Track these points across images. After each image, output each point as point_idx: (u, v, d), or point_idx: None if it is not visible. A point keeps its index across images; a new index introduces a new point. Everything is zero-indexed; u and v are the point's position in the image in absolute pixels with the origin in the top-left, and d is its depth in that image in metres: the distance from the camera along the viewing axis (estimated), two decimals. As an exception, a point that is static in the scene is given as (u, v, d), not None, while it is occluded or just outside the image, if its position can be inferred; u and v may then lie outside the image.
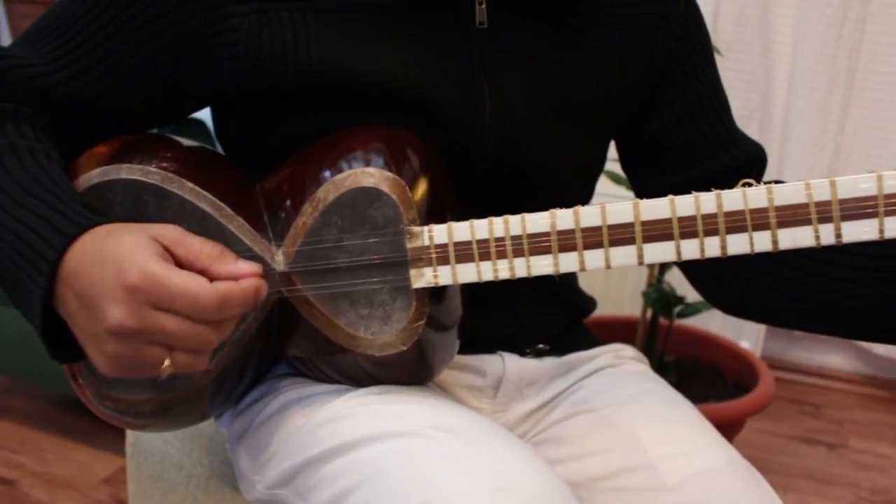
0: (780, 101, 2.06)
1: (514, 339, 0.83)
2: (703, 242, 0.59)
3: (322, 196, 0.67)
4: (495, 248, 0.62)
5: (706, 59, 0.86)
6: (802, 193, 0.57)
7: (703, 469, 0.72)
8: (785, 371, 2.27)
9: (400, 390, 0.71)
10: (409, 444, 0.63)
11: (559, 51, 0.77)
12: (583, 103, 0.79)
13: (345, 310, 0.67)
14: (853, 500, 1.78)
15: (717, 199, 0.58)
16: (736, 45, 2.04)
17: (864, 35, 2.00)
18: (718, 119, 0.85)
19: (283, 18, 0.68)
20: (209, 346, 0.59)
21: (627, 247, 0.60)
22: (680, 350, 1.74)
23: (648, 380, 0.85)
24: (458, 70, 0.73)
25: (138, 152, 0.69)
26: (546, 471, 0.63)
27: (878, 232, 0.57)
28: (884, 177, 0.56)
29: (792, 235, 0.58)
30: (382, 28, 0.71)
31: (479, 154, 0.74)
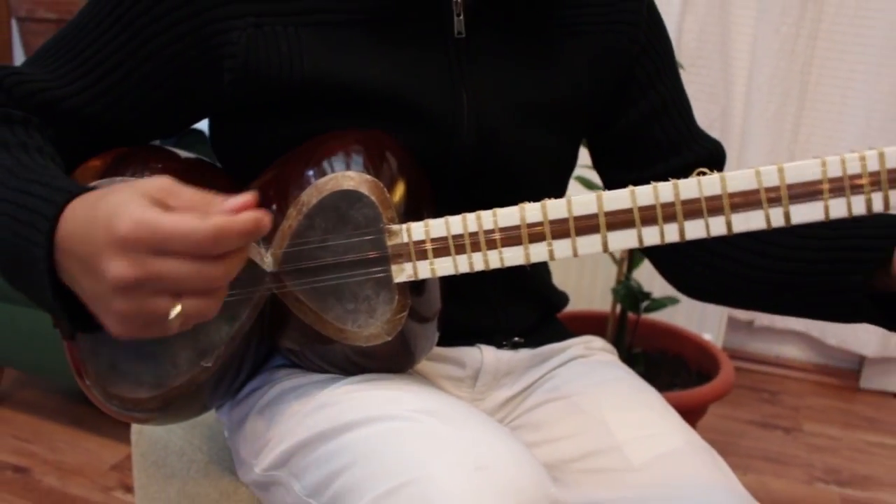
0: (739, 112, 2.06)
1: (492, 332, 0.83)
2: (663, 229, 0.59)
3: (305, 199, 0.66)
4: (469, 242, 0.62)
5: (668, 63, 0.86)
6: (753, 180, 0.57)
7: (666, 451, 0.72)
8: (744, 361, 2.27)
9: (387, 378, 0.70)
10: (396, 427, 0.63)
11: (533, 58, 0.77)
12: (555, 107, 0.78)
13: (332, 305, 0.66)
14: (807, 479, 1.77)
15: (675, 187, 0.58)
16: (698, 60, 2.04)
17: (814, 51, 2.00)
18: (680, 118, 0.85)
19: (277, 32, 0.68)
20: (217, 283, 0.54)
21: (592, 235, 0.59)
22: (647, 342, 1.74)
23: (617, 368, 0.85)
24: (438, 78, 0.72)
25: (130, 165, 0.68)
26: (523, 452, 0.63)
27: (824, 213, 0.57)
28: (827, 162, 0.56)
29: (745, 219, 0.58)
30: (368, 40, 0.70)
31: (458, 156, 0.74)
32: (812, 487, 1.75)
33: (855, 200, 0.56)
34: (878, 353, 2.14)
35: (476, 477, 0.57)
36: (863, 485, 1.77)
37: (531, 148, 0.78)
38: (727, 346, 2.21)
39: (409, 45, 0.71)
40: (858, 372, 2.22)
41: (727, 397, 2.07)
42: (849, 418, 2.07)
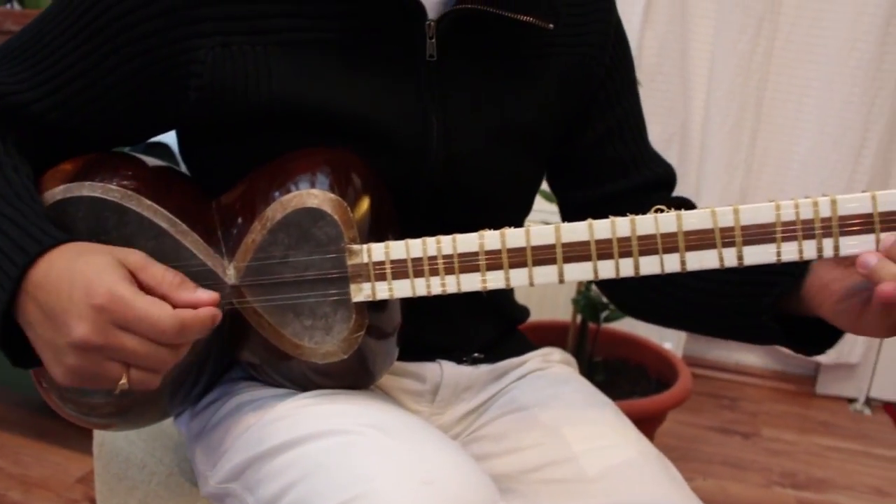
0: (698, 126, 2.09)
1: (452, 348, 0.83)
2: (619, 263, 0.59)
3: (270, 215, 0.66)
4: (428, 266, 0.63)
5: (629, 85, 0.88)
6: (709, 220, 0.58)
7: (619, 462, 0.74)
8: (704, 368, 2.30)
9: (341, 393, 0.71)
10: (346, 441, 0.64)
11: (504, 80, 0.77)
12: (525, 129, 0.79)
13: (290, 321, 0.67)
14: (765, 483, 1.80)
15: (632, 223, 0.59)
16: (658, 75, 2.06)
17: (770, 67, 2.04)
18: (634, 140, 0.87)
19: (245, 52, 0.68)
20: (165, 366, 0.59)
21: (549, 266, 0.60)
22: (608, 351, 1.76)
23: (573, 381, 0.86)
24: (408, 100, 0.73)
25: (100, 170, 0.68)
26: (470, 466, 0.64)
27: (776, 255, 0.58)
28: (781, 205, 0.57)
29: (699, 258, 0.59)
30: (338, 61, 0.70)
31: (426, 177, 0.74)
32: (769, 491, 1.77)
33: (807, 245, 0.57)
34: (833, 360, 2.18)
35: (422, 491, 0.58)
36: (818, 487, 1.81)
37: (500, 170, 0.78)
38: (687, 354, 2.24)
39: (379, 67, 0.72)
40: (814, 378, 2.26)
41: (688, 404, 2.10)
42: (805, 423, 2.11)
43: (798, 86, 2.03)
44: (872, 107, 1.97)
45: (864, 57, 1.93)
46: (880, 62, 1.93)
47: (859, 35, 1.93)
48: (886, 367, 2.19)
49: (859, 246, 0.56)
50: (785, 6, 1.99)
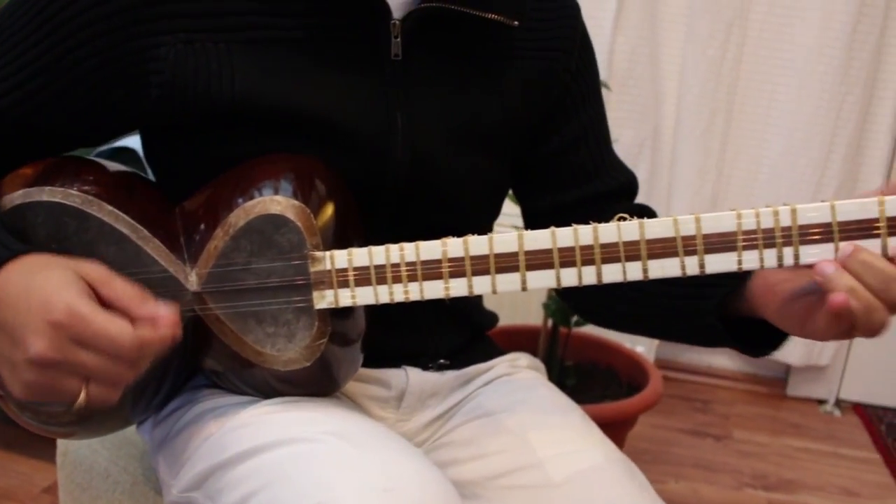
0: (669, 131, 2.11)
1: (418, 354, 0.83)
2: (581, 271, 0.59)
3: (233, 221, 0.66)
4: (391, 273, 0.62)
5: (594, 91, 0.88)
6: (671, 228, 0.58)
7: (585, 467, 0.74)
8: (677, 371, 2.31)
9: (303, 401, 0.70)
10: (307, 449, 0.63)
11: (469, 81, 0.77)
12: (490, 130, 0.79)
13: (252, 328, 0.66)
14: (736, 485, 1.81)
15: (594, 231, 0.59)
16: (629, 80, 2.07)
17: (739, 73, 2.06)
18: (597, 147, 0.87)
19: (208, 49, 0.67)
20: (123, 382, 0.58)
21: (512, 274, 0.60)
22: (579, 355, 1.76)
23: (540, 386, 0.86)
24: (372, 100, 0.72)
25: (61, 175, 0.67)
26: (433, 473, 0.64)
27: (737, 263, 0.58)
28: (742, 214, 0.57)
29: (661, 266, 0.59)
30: (302, 60, 0.70)
31: (392, 178, 0.74)
32: (741, 493, 1.79)
33: (767, 253, 0.57)
34: (803, 362, 2.20)
35: (383, 499, 0.58)
36: (788, 489, 1.82)
37: (465, 171, 0.78)
38: (660, 357, 2.25)
39: (344, 67, 0.71)
40: (785, 380, 2.28)
41: (661, 407, 2.11)
42: (776, 425, 2.12)
43: (767, 91, 2.06)
44: (840, 112, 1.99)
45: (832, 63, 1.96)
46: (847, 68, 1.96)
47: (827, 41, 1.96)
48: (856, 369, 2.22)
49: (819, 255, 0.57)
50: (753, 13, 2.01)
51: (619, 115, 2.10)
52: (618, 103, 2.09)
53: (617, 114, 2.10)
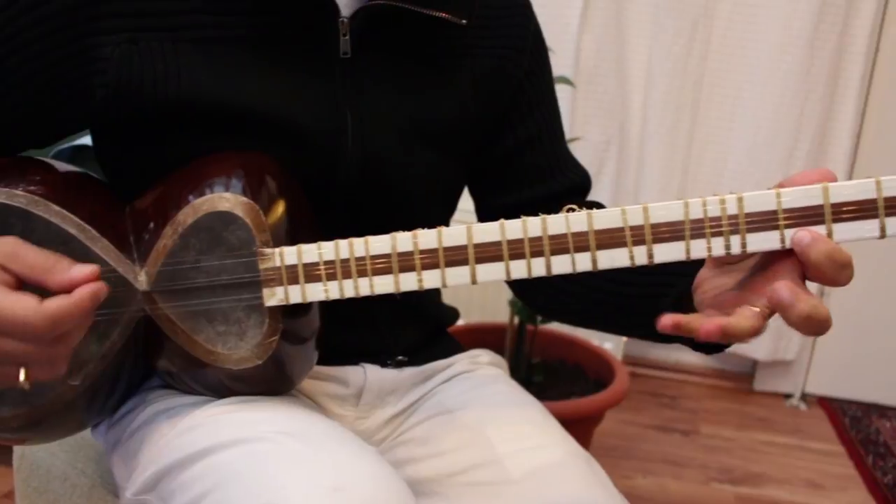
0: (636, 128, 2.12)
1: (376, 351, 0.83)
2: (531, 263, 0.59)
3: (182, 219, 0.65)
4: (341, 269, 0.62)
5: (548, 90, 0.88)
6: (619, 218, 0.58)
7: (544, 463, 0.73)
8: (645, 367, 2.33)
9: (256, 400, 0.70)
10: (258, 449, 0.63)
11: (419, 79, 0.77)
12: (441, 128, 0.79)
13: (203, 327, 0.66)
14: (703, 480, 1.83)
15: (543, 223, 0.58)
16: (596, 77, 2.08)
17: (705, 70, 2.07)
18: (551, 146, 0.87)
19: (153, 48, 0.66)
20: (58, 357, 0.57)
21: (462, 267, 0.60)
22: (546, 352, 1.77)
23: (500, 382, 0.86)
24: (322, 98, 0.72)
25: (6, 175, 0.66)
26: (385, 472, 0.63)
27: (686, 253, 0.58)
28: (690, 203, 0.57)
29: (610, 256, 0.58)
30: (251, 58, 0.69)
31: (343, 177, 0.73)
32: (708, 487, 1.80)
33: (714, 242, 0.57)
34: (769, 357, 2.22)
35: (334, 498, 0.58)
36: (755, 482, 1.84)
37: (417, 168, 0.78)
38: (628, 353, 2.26)
39: (293, 65, 0.71)
40: (752, 375, 2.30)
41: (629, 403, 2.12)
42: (743, 419, 2.14)
43: (732, 89, 2.07)
44: (804, 109, 2.01)
45: (794, 61, 1.98)
46: (810, 66, 1.98)
47: (789, 40, 1.98)
48: (821, 364, 2.24)
49: (765, 242, 0.57)
50: (718, 11, 2.03)
51: (587, 113, 2.10)
52: (585, 101, 2.10)
53: (584, 111, 2.10)
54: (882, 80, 2.04)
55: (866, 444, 2.02)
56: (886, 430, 2.10)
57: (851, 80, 2.02)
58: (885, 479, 1.85)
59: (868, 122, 2.07)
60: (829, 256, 0.55)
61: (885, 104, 2.05)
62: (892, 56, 2.02)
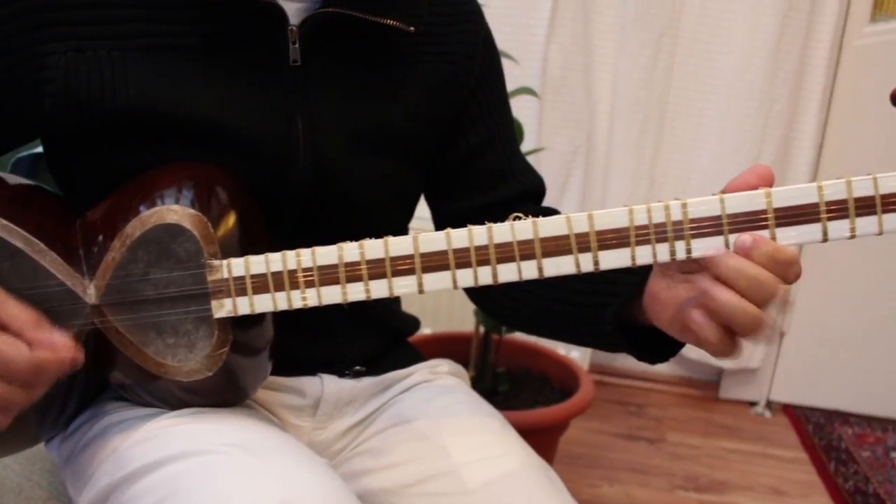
0: (603, 138, 2.13)
1: (333, 361, 0.83)
2: (477, 272, 0.59)
3: (130, 232, 0.65)
4: (289, 280, 0.61)
5: (499, 96, 0.88)
6: (564, 226, 0.58)
7: (501, 473, 0.74)
8: (612, 376, 2.34)
9: (208, 412, 0.69)
10: (207, 461, 0.63)
11: (370, 86, 0.77)
12: (393, 135, 0.79)
13: (152, 339, 0.65)
14: (668, 488, 1.84)
15: (489, 231, 0.59)
16: (563, 88, 2.09)
17: (671, 80, 2.09)
18: (504, 152, 0.87)
19: (100, 57, 0.66)
20: (16, 406, 0.58)
21: (409, 277, 0.60)
22: (512, 361, 1.77)
23: (459, 392, 0.86)
24: (272, 106, 0.72)
25: None
26: (333, 484, 0.63)
27: (631, 259, 0.58)
28: (634, 210, 0.57)
29: (556, 264, 0.59)
30: (200, 66, 0.69)
31: (295, 186, 0.73)
32: (672, 495, 1.81)
33: (659, 248, 0.57)
34: (734, 365, 2.24)
35: None
36: (719, 489, 1.85)
37: (370, 175, 0.78)
38: (595, 362, 2.27)
39: (243, 73, 0.71)
40: (718, 383, 2.32)
41: (596, 412, 2.13)
42: (708, 427, 2.16)
43: (698, 99, 2.10)
44: (768, 119, 2.04)
45: (759, 72, 2.01)
46: (773, 77, 2.01)
47: (753, 52, 2.00)
48: (785, 371, 2.27)
49: (710, 248, 0.57)
50: (683, 22, 2.05)
51: (554, 123, 2.12)
52: (552, 111, 2.11)
53: (551, 121, 2.12)
54: (843, 91, 2.08)
55: (829, 450, 2.04)
56: (848, 436, 2.12)
57: (813, 91, 2.05)
58: (847, 485, 1.87)
59: (830, 132, 2.11)
60: (771, 257, 0.55)
61: (846, 114, 2.09)
62: (852, 67, 2.06)
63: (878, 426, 2.19)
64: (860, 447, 2.07)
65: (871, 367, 2.22)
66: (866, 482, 1.89)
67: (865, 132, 2.05)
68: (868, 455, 2.02)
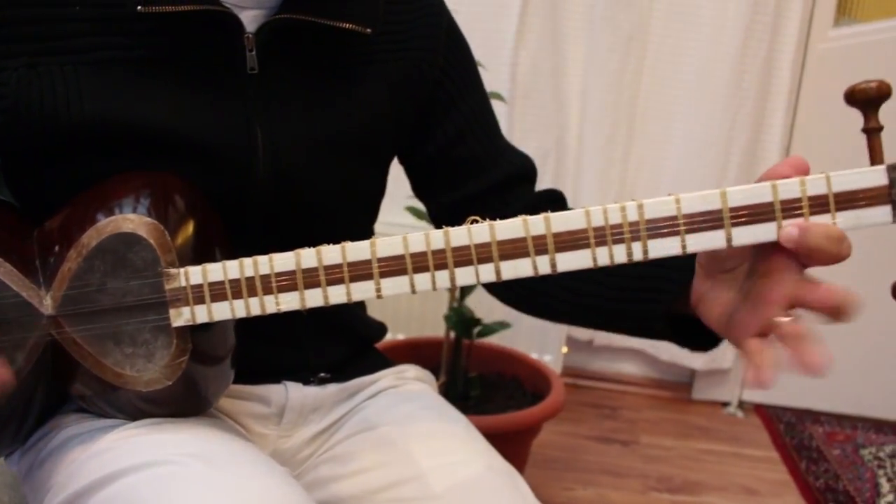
0: (573, 142, 2.15)
1: (298, 368, 0.82)
2: (434, 276, 0.59)
3: (85, 242, 0.65)
4: (246, 287, 0.61)
5: (471, 83, 0.87)
6: (521, 229, 0.58)
7: (466, 477, 0.74)
8: (585, 379, 2.35)
9: (168, 422, 0.69)
10: (164, 472, 0.62)
11: (329, 91, 0.77)
12: (355, 138, 0.79)
13: (111, 349, 0.65)
14: (642, 489, 1.85)
15: (445, 235, 0.59)
16: (532, 92, 2.11)
17: (640, 85, 2.11)
18: (485, 136, 0.87)
19: (53, 72, 0.66)
20: None
21: (367, 282, 0.60)
22: (484, 365, 1.77)
23: (426, 397, 0.86)
24: (231, 114, 0.71)
25: None
26: (293, 492, 0.63)
27: (592, 260, 0.58)
28: (591, 212, 0.58)
29: (513, 266, 0.58)
30: (155, 78, 0.69)
31: (256, 193, 0.73)
32: (646, 496, 1.82)
33: (616, 249, 0.57)
34: (706, 367, 2.26)
35: None
36: (692, 490, 1.87)
37: (332, 181, 0.78)
38: (569, 365, 2.28)
39: (200, 83, 0.70)
40: (690, 384, 2.34)
41: (570, 415, 2.14)
42: (682, 428, 2.17)
43: (667, 102, 2.12)
44: (735, 122, 2.07)
45: (725, 75, 2.03)
46: (740, 80, 2.04)
47: (720, 55, 2.03)
48: (757, 371, 2.29)
49: (666, 248, 0.57)
50: (652, 26, 2.07)
51: (524, 127, 2.13)
52: (522, 115, 2.12)
53: (521, 125, 2.13)
54: (808, 94, 2.11)
55: (800, 449, 2.07)
56: (819, 435, 2.15)
57: (780, 94, 2.08)
58: (818, 483, 1.90)
59: (797, 134, 2.14)
60: (826, 236, 0.52)
61: (812, 116, 2.12)
62: (817, 70, 2.09)
63: (847, 424, 2.22)
64: (830, 445, 2.09)
65: (841, 366, 2.24)
66: (836, 480, 1.91)
67: (832, 133, 2.08)
68: (838, 453, 2.05)
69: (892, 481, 1.91)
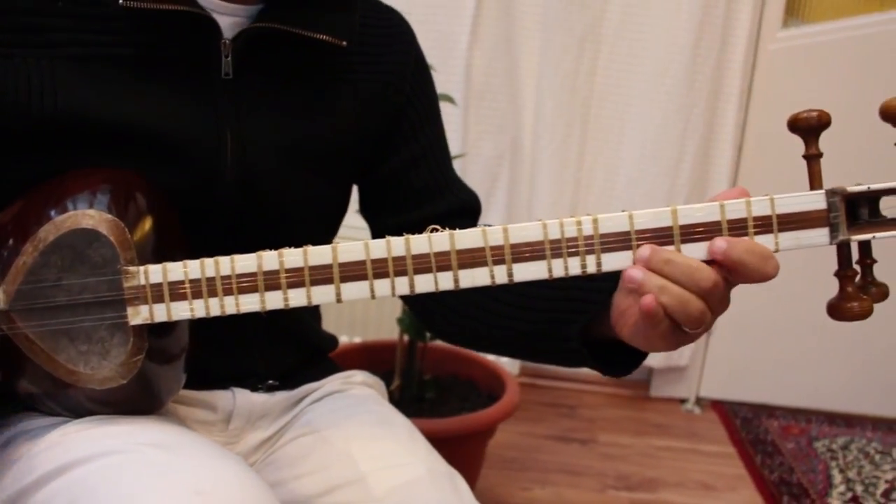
0: (528, 143, 2.19)
1: (247, 375, 0.84)
2: (394, 282, 0.62)
3: (43, 236, 0.66)
4: (207, 287, 0.63)
5: (431, 114, 0.91)
6: (480, 238, 0.61)
7: (407, 480, 0.76)
8: (544, 378, 2.39)
9: (119, 417, 0.70)
10: (117, 461, 0.63)
11: (301, 101, 0.79)
12: (321, 150, 0.81)
13: (64, 346, 0.66)
14: (599, 488, 1.89)
15: (406, 242, 0.61)
16: (487, 94, 2.14)
17: (594, 86, 2.16)
18: (437, 168, 0.90)
19: (28, 64, 0.67)
20: None
21: (327, 286, 0.62)
22: (438, 368, 1.80)
23: (369, 402, 0.88)
24: (201, 118, 0.74)
25: None
26: (249, 476, 0.65)
27: (546, 272, 0.61)
28: (547, 224, 0.61)
29: (471, 275, 0.61)
30: (131, 76, 0.71)
31: (221, 196, 0.75)
32: (604, 495, 1.86)
33: (571, 262, 0.61)
34: (663, 364, 2.32)
35: (195, 501, 0.59)
36: (649, 487, 1.91)
37: (296, 190, 0.80)
38: (527, 365, 2.32)
39: (174, 84, 0.72)
40: (648, 382, 2.40)
41: (529, 415, 2.18)
42: (640, 426, 2.23)
43: (620, 104, 2.17)
44: (688, 123, 2.13)
45: (677, 77, 2.09)
46: (692, 82, 2.10)
47: (672, 57, 2.09)
48: (713, 368, 2.36)
49: (619, 262, 0.61)
50: (605, 28, 2.12)
51: (479, 129, 2.16)
52: (476, 117, 2.15)
53: (476, 127, 2.16)
54: (759, 93, 2.18)
55: (756, 443, 2.13)
56: (774, 429, 2.22)
57: (731, 95, 2.14)
58: (772, 476, 1.96)
59: (748, 133, 2.21)
60: (749, 251, 0.57)
61: (763, 117, 2.19)
62: (767, 70, 2.16)
63: (801, 418, 2.30)
64: (785, 439, 2.16)
65: (795, 361, 2.33)
66: (791, 472, 1.98)
67: (782, 132, 2.10)
68: (792, 446, 2.12)
69: (844, 472, 1.99)
